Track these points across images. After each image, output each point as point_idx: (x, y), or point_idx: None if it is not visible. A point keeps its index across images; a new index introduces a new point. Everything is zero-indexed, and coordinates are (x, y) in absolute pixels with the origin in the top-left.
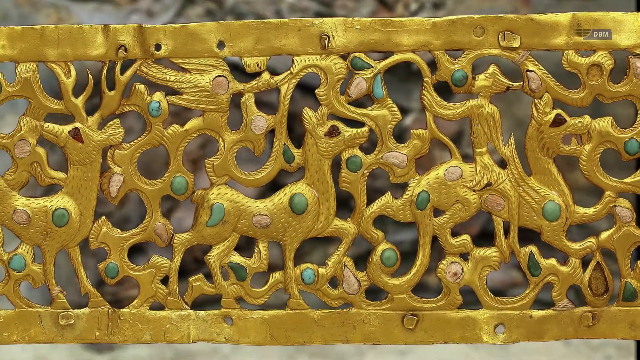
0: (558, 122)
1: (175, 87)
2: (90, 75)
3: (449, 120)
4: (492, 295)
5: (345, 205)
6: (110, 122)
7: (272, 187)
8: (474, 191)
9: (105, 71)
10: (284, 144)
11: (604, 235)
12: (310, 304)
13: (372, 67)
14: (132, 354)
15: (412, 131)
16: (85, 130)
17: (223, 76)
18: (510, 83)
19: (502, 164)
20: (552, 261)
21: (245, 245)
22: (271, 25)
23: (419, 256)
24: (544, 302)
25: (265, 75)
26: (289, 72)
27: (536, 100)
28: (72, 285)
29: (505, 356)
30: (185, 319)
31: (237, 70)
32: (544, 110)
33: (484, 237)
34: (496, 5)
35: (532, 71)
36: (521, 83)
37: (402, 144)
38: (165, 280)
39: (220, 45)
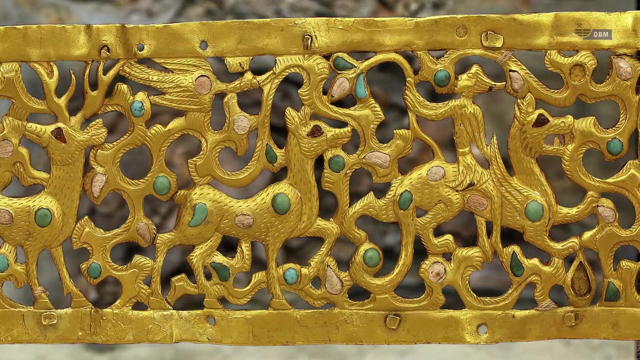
0: (541, 122)
1: (158, 87)
2: (73, 76)
3: (431, 120)
4: (474, 295)
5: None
6: (93, 122)
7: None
8: (457, 191)
9: (87, 71)
10: (267, 143)
11: (587, 235)
12: (293, 304)
13: (355, 67)
14: (132, 354)
15: (394, 131)
16: (67, 130)
17: (206, 76)
18: (493, 83)
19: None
20: (535, 261)
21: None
22: (254, 25)
23: (401, 256)
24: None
25: (248, 75)
26: (271, 72)
27: (519, 100)
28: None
29: (506, 356)
30: (167, 319)
31: None
32: (526, 110)
33: None
34: (496, 5)
35: (515, 71)
36: (504, 83)
37: (385, 144)
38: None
39: (203, 45)
